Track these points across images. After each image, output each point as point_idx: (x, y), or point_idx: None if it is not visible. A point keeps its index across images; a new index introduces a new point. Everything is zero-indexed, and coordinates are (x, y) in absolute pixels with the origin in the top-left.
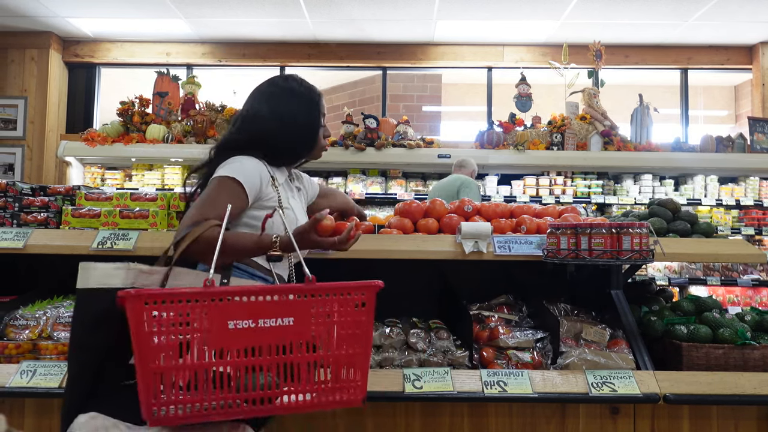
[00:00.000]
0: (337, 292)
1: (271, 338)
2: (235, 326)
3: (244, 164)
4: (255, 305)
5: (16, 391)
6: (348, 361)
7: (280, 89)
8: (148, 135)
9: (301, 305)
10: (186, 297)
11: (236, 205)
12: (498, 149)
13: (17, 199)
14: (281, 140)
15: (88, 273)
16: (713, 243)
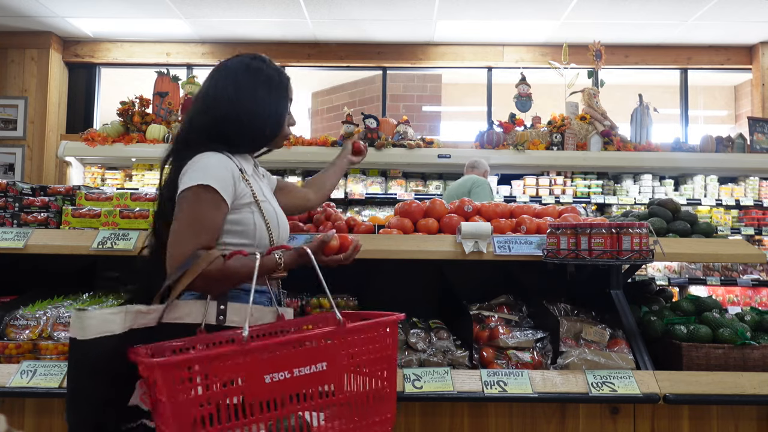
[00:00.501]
0: (367, 331)
1: (307, 386)
2: (272, 379)
3: (211, 164)
4: (290, 355)
5: (16, 391)
6: (378, 396)
7: (247, 69)
8: (148, 135)
9: (333, 348)
10: (221, 357)
11: (219, 217)
12: (498, 149)
13: (17, 199)
14: (247, 126)
15: (85, 323)
16: (713, 243)
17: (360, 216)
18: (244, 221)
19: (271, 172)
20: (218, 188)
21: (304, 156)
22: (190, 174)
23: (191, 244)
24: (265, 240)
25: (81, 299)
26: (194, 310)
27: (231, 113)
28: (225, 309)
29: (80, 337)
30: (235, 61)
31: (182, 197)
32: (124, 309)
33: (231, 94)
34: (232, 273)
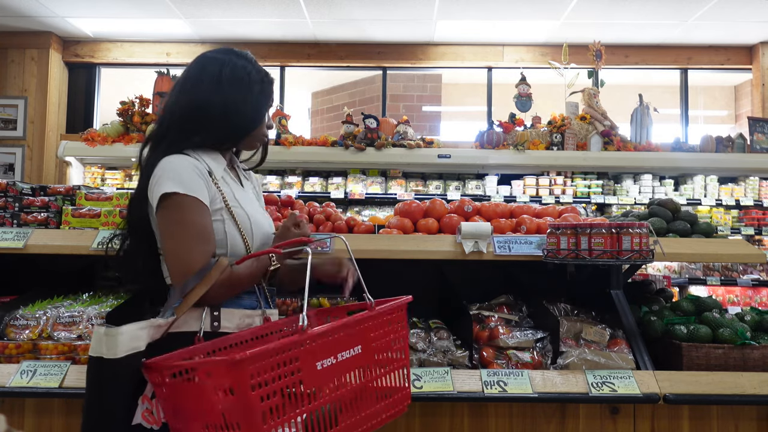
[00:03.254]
0: (391, 312)
1: (348, 369)
2: (323, 366)
3: (178, 170)
4: (334, 341)
5: (16, 391)
6: (400, 372)
7: (230, 61)
8: None
9: (365, 332)
10: (284, 348)
11: (209, 222)
12: (498, 149)
13: (17, 199)
14: (226, 117)
15: (116, 340)
16: (713, 243)
17: (360, 216)
18: (215, 230)
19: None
20: (192, 193)
21: (304, 156)
22: (161, 183)
23: (200, 256)
24: (239, 249)
25: (81, 299)
26: (190, 318)
27: (213, 100)
28: (219, 315)
29: (110, 356)
30: (217, 52)
31: (164, 207)
32: (148, 324)
33: (213, 81)
34: (241, 280)
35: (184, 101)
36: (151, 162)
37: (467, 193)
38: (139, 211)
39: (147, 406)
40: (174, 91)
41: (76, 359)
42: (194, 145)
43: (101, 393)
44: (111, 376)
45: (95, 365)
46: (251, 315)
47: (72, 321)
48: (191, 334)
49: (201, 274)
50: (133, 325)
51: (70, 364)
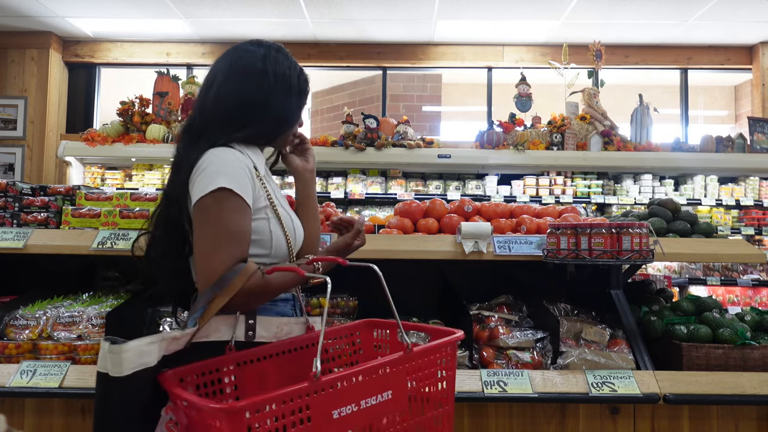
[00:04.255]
0: (430, 354)
1: (373, 417)
2: (339, 414)
3: (227, 163)
4: (357, 387)
5: (16, 391)
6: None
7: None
8: (148, 135)
9: (398, 375)
10: (290, 396)
11: (247, 223)
12: (498, 149)
13: (17, 199)
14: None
15: (121, 357)
16: (713, 243)
17: (360, 216)
18: (259, 230)
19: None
20: (239, 192)
21: None
22: (206, 176)
23: (226, 258)
24: (282, 250)
25: (81, 299)
26: (221, 327)
27: (258, 94)
28: (254, 324)
29: (115, 374)
30: (255, 45)
31: (201, 204)
32: (159, 338)
33: (258, 75)
34: (272, 288)
35: (226, 94)
36: (191, 156)
37: (467, 193)
38: (176, 207)
39: (171, 417)
40: (212, 83)
41: (76, 359)
42: (236, 140)
43: (108, 409)
44: (118, 392)
45: (102, 381)
46: (290, 323)
47: (72, 321)
48: (221, 343)
49: (225, 279)
50: (141, 341)
51: (70, 364)
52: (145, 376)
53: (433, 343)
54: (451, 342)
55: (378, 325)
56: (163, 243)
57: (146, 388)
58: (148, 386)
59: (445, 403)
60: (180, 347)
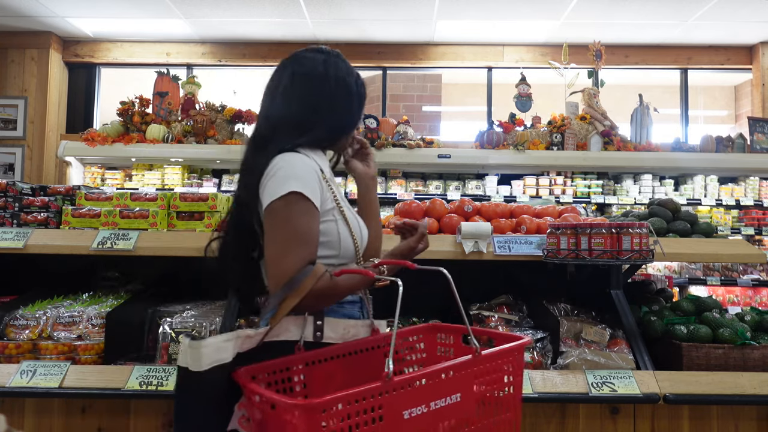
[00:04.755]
0: (498, 358)
1: (442, 418)
2: (410, 415)
3: (296, 167)
4: (427, 388)
5: (16, 391)
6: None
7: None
8: (148, 135)
9: (466, 378)
10: (364, 395)
11: (315, 225)
12: (498, 149)
13: (17, 199)
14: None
15: (200, 353)
16: (713, 243)
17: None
18: (328, 231)
19: None
20: (309, 195)
21: None
22: (277, 180)
23: (296, 260)
24: (350, 251)
25: (81, 299)
26: (291, 327)
27: (323, 100)
28: (322, 325)
29: (194, 369)
30: (313, 52)
31: (273, 208)
32: (234, 335)
33: (322, 81)
34: (340, 290)
35: (291, 101)
36: (260, 161)
37: (467, 193)
38: (247, 212)
39: (244, 413)
40: (275, 91)
41: (76, 359)
42: (302, 145)
43: (187, 402)
44: (196, 386)
45: (182, 375)
46: (356, 325)
47: (72, 321)
48: (291, 343)
49: (296, 281)
50: (219, 337)
51: (69, 364)
52: (221, 372)
53: (501, 348)
54: (519, 347)
55: (441, 329)
56: (234, 246)
57: (221, 383)
58: (223, 382)
59: (512, 408)
60: (253, 345)
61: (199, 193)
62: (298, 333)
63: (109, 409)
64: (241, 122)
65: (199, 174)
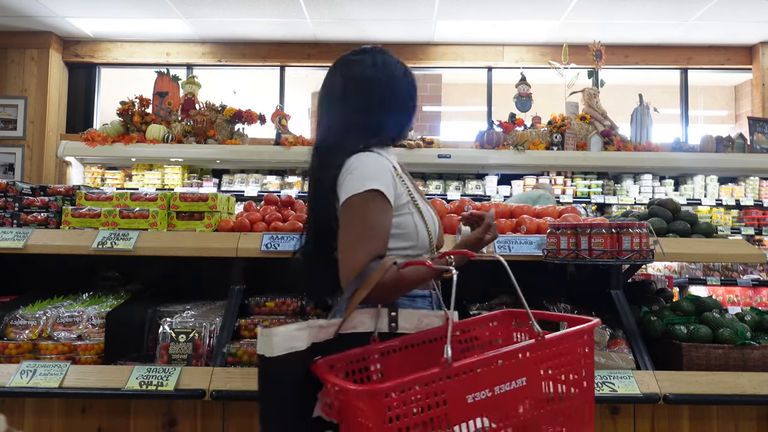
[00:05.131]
0: (564, 342)
1: (507, 402)
2: (474, 399)
3: (371, 166)
4: (491, 372)
5: (16, 391)
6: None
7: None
8: (148, 135)
9: (532, 362)
10: (424, 381)
11: (388, 221)
12: (498, 149)
13: (17, 199)
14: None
15: (271, 340)
16: (713, 243)
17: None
18: (404, 224)
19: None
20: (384, 191)
21: (303, 156)
22: (353, 179)
23: (364, 254)
24: (425, 242)
25: (81, 299)
26: (366, 319)
27: (389, 98)
28: (396, 316)
29: (268, 354)
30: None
31: (349, 205)
32: (306, 325)
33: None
34: (407, 282)
35: (349, 107)
36: (334, 163)
37: (467, 193)
38: (324, 212)
39: (326, 401)
40: (331, 99)
41: (76, 359)
42: (373, 145)
43: (267, 388)
44: (274, 373)
45: (259, 362)
46: (430, 315)
47: (72, 321)
48: (366, 334)
49: (364, 274)
50: (290, 326)
51: (69, 364)
52: (297, 360)
53: (566, 331)
54: (587, 329)
55: (518, 315)
56: (313, 246)
57: (299, 371)
58: (300, 370)
59: (583, 392)
60: (329, 336)
61: (199, 193)
62: (373, 324)
63: (109, 409)
64: (241, 122)
65: (199, 174)
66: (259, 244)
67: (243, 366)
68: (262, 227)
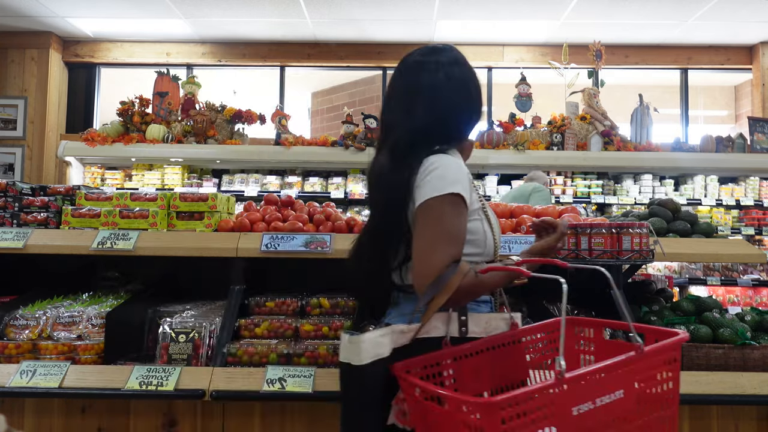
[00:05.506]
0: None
1: (606, 415)
2: (578, 411)
3: (452, 169)
4: (594, 384)
5: (16, 391)
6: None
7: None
8: (148, 135)
9: (629, 374)
10: (535, 393)
11: (464, 225)
12: (498, 149)
13: (17, 199)
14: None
15: (360, 347)
16: (713, 243)
17: (360, 216)
18: (475, 230)
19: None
20: (463, 194)
21: (303, 156)
22: (434, 181)
23: (443, 258)
24: (491, 249)
25: (81, 299)
26: (438, 323)
27: (462, 103)
28: (466, 320)
29: (355, 363)
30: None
31: (428, 207)
32: (389, 330)
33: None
34: (484, 287)
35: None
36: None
37: None
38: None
39: (400, 408)
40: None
41: (75, 359)
42: (449, 147)
43: (352, 397)
44: (357, 380)
45: (345, 370)
46: (497, 318)
47: (72, 321)
48: (437, 339)
49: (443, 279)
50: (375, 332)
51: (69, 364)
52: (379, 367)
53: (662, 343)
54: (677, 342)
55: (579, 323)
56: (369, 249)
57: (381, 378)
58: (382, 377)
59: (670, 405)
60: (406, 341)
61: (199, 193)
62: (444, 329)
63: (109, 409)
64: (241, 122)
65: (199, 174)
66: (259, 244)
67: (243, 366)
68: (262, 227)
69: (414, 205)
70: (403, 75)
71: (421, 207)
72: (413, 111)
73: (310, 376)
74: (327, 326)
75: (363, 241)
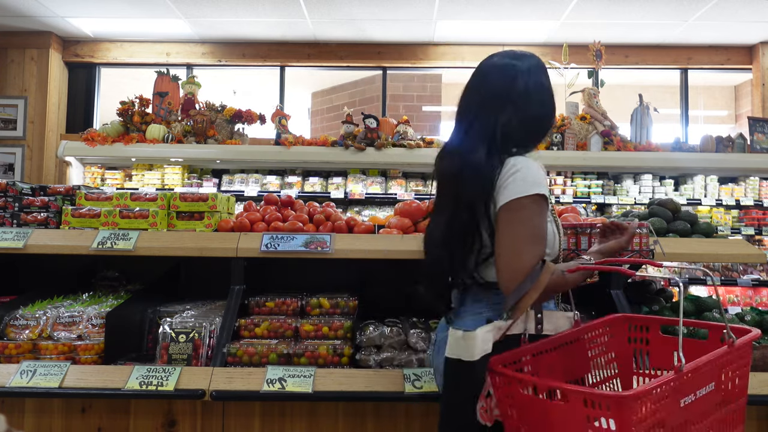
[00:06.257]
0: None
1: (702, 406)
2: (684, 403)
3: (534, 170)
4: (699, 376)
5: (16, 391)
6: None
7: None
8: (148, 135)
9: (719, 368)
10: (659, 386)
11: (546, 226)
12: None
13: (17, 199)
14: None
15: (474, 343)
16: (713, 243)
17: (360, 216)
18: (548, 231)
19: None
20: (547, 195)
21: (303, 156)
22: (519, 181)
23: (532, 257)
24: (556, 249)
25: (81, 299)
26: (518, 321)
27: (545, 110)
28: (542, 318)
29: (467, 359)
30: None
31: (514, 207)
32: (494, 326)
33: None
34: (567, 285)
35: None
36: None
37: None
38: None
39: (483, 404)
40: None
41: (76, 359)
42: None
43: (459, 392)
44: (468, 376)
45: (454, 366)
46: (563, 317)
47: (72, 321)
48: (517, 336)
49: (532, 276)
50: (483, 328)
51: (69, 364)
52: (486, 362)
53: (746, 338)
54: (753, 338)
55: (633, 320)
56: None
57: (484, 373)
58: (485, 372)
59: (741, 396)
60: (499, 337)
61: (199, 193)
62: (523, 326)
63: (109, 409)
64: (241, 122)
65: (199, 174)
66: (259, 244)
67: (243, 366)
68: (262, 227)
69: (496, 205)
70: (490, 76)
71: (506, 207)
72: (500, 114)
73: (310, 376)
74: (327, 326)
75: (435, 234)
